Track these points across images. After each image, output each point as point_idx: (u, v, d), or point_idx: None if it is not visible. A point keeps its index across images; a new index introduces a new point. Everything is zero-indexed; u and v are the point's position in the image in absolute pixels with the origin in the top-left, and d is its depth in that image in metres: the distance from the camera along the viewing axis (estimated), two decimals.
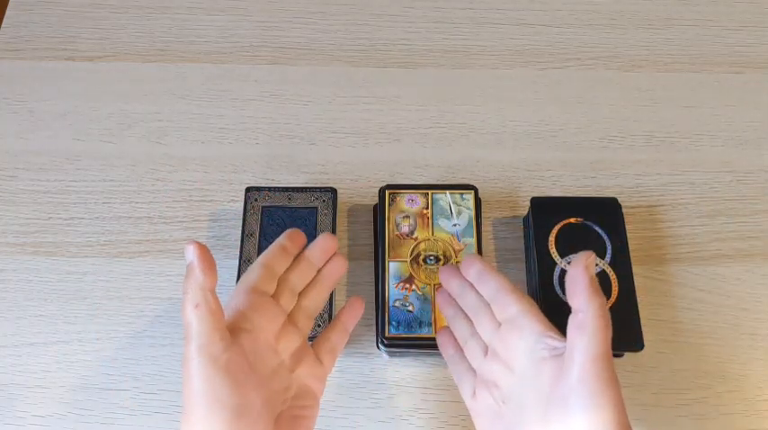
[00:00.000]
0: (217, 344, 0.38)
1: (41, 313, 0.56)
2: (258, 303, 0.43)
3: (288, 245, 0.46)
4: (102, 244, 0.59)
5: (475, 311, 0.46)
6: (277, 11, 0.72)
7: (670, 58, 0.70)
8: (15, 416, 0.52)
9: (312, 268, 0.47)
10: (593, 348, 0.37)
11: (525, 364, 0.41)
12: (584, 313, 0.38)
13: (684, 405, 0.53)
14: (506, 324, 0.43)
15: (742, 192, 0.62)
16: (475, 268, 0.46)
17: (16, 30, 0.70)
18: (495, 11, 0.72)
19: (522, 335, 0.42)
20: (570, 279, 0.39)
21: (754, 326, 0.56)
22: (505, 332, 0.43)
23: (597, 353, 0.37)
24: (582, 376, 0.37)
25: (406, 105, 0.66)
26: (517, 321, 0.42)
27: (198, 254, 0.38)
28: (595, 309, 0.37)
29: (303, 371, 0.44)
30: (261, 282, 0.44)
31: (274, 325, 0.43)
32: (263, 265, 0.44)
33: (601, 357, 0.37)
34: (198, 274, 0.38)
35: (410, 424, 0.52)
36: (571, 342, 0.38)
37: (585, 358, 0.37)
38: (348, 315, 0.49)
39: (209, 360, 0.38)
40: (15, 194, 0.61)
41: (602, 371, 0.37)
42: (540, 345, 0.41)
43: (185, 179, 0.62)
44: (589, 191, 0.62)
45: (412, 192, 0.57)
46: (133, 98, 0.66)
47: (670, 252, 0.59)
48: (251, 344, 0.41)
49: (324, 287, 0.48)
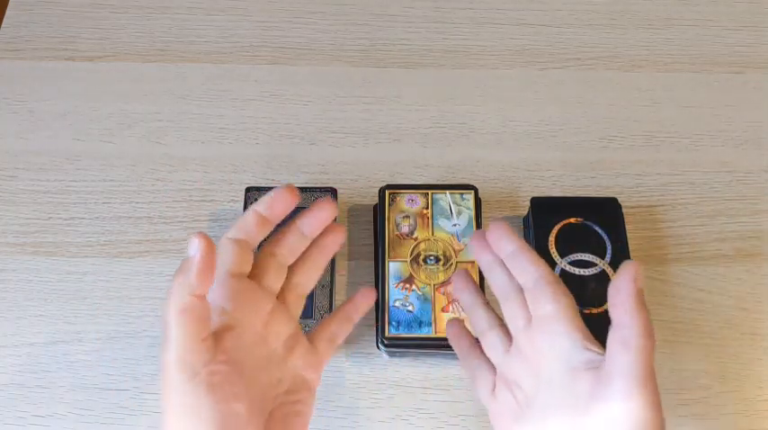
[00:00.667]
0: (198, 359, 0.34)
1: (41, 313, 0.56)
2: (239, 291, 0.38)
3: (267, 213, 0.39)
4: (102, 244, 0.59)
5: (505, 295, 0.41)
6: (277, 11, 0.72)
7: (670, 58, 0.70)
8: (15, 416, 0.52)
9: (303, 240, 0.41)
10: (638, 366, 0.34)
11: (555, 371, 0.38)
12: (628, 329, 0.34)
13: (684, 405, 0.53)
14: (539, 322, 0.39)
15: (742, 192, 0.62)
16: (511, 245, 0.40)
17: (16, 30, 0.70)
18: (495, 11, 0.72)
19: (555, 340, 0.38)
20: (615, 289, 0.35)
21: (754, 326, 0.56)
22: (536, 331, 0.39)
23: (641, 370, 0.34)
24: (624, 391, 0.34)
25: (406, 105, 0.66)
26: (552, 323, 0.38)
27: (203, 251, 0.33)
28: (641, 324, 0.34)
29: (297, 360, 0.40)
30: (237, 265, 0.38)
31: (262, 312, 0.39)
32: (236, 242, 0.38)
33: (645, 375, 0.34)
34: (193, 275, 0.33)
35: (410, 424, 0.52)
36: (612, 358, 0.35)
37: (629, 375, 0.34)
38: (356, 304, 0.45)
39: (188, 375, 0.34)
40: (15, 194, 0.61)
41: (646, 388, 0.34)
42: (575, 356, 0.37)
43: (185, 179, 0.62)
44: (589, 191, 0.62)
45: (412, 192, 0.57)
46: (133, 98, 0.66)
47: (670, 252, 0.59)
48: (236, 343, 0.37)
49: (318, 261, 0.42)
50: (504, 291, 0.41)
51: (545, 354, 0.38)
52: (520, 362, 0.40)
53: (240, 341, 0.37)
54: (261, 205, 0.39)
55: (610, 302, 0.35)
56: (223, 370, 0.36)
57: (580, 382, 0.36)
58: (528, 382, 0.39)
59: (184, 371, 0.34)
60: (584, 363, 0.36)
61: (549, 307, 0.38)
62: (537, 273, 0.39)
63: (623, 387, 0.34)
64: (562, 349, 0.37)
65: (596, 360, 0.36)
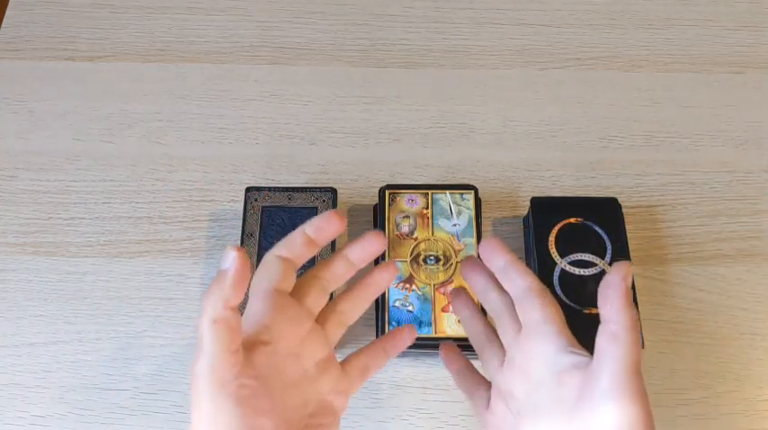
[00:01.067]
0: (228, 370, 0.35)
1: (41, 313, 0.56)
2: (279, 307, 0.38)
3: (315, 235, 0.39)
4: (102, 244, 0.59)
5: (498, 313, 0.42)
6: (277, 11, 0.72)
7: (670, 58, 0.70)
8: (15, 416, 0.52)
9: (350, 268, 0.41)
10: (626, 360, 0.35)
11: (544, 374, 0.39)
12: (616, 324, 0.35)
13: (684, 405, 0.53)
14: (527, 328, 0.40)
15: (742, 192, 0.62)
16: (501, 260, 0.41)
17: (16, 30, 0.70)
18: (495, 11, 0.72)
19: (541, 344, 0.39)
20: (606, 286, 0.36)
21: (754, 326, 0.56)
22: (525, 337, 0.40)
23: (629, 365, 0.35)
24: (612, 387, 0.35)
25: (406, 105, 0.66)
26: (539, 328, 0.39)
27: (238, 265, 0.34)
28: (629, 321, 0.35)
29: (326, 385, 0.40)
30: (281, 281, 0.38)
31: (299, 329, 0.39)
32: (282, 260, 0.39)
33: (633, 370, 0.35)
34: (228, 287, 0.34)
35: (410, 424, 0.52)
36: (601, 352, 0.36)
37: (617, 369, 0.35)
38: (393, 341, 0.45)
39: (218, 384, 0.35)
40: (15, 194, 0.61)
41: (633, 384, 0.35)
42: (560, 359, 0.38)
43: (185, 179, 0.62)
44: (589, 191, 0.62)
45: (412, 192, 0.57)
46: (133, 98, 0.66)
47: (670, 252, 0.59)
48: (268, 360, 0.37)
49: (365, 294, 0.43)
50: (498, 309, 0.42)
51: (534, 359, 0.39)
52: (512, 373, 0.41)
53: (273, 358, 0.38)
54: (310, 227, 0.39)
55: (600, 299, 0.36)
56: (252, 384, 0.36)
57: (567, 384, 0.37)
58: (520, 390, 0.40)
59: (215, 381, 0.34)
60: (569, 366, 0.37)
61: (536, 314, 0.39)
62: (525, 284, 0.40)
63: (611, 384, 0.35)
64: (548, 353, 0.38)
65: (582, 361, 0.37)
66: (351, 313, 0.42)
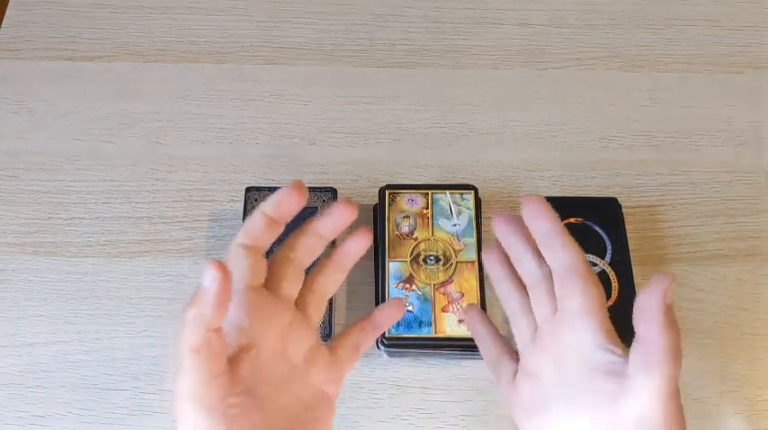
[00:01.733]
0: (214, 394, 0.33)
1: (41, 313, 0.56)
2: (255, 306, 0.36)
3: (275, 214, 0.36)
4: (102, 244, 0.59)
5: (533, 283, 0.39)
6: (277, 11, 0.72)
7: (670, 58, 0.70)
8: (15, 416, 0.52)
9: (321, 241, 0.38)
10: (663, 387, 0.32)
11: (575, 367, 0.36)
12: (655, 346, 0.33)
13: (684, 405, 0.53)
14: (564, 315, 0.37)
15: (742, 192, 0.62)
16: (546, 224, 0.37)
17: (16, 30, 0.70)
18: (495, 11, 0.72)
19: (577, 337, 0.36)
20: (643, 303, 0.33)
21: (755, 326, 0.56)
22: (559, 324, 0.37)
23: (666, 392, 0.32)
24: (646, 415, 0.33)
25: (406, 105, 0.66)
26: (575, 318, 0.36)
27: (219, 285, 0.30)
28: (670, 343, 0.33)
29: (317, 376, 0.38)
30: (252, 277, 0.36)
31: (279, 325, 0.37)
32: (247, 250, 0.36)
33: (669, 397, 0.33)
34: (208, 309, 0.31)
35: (410, 424, 0.52)
36: (636, 372, 0.33)
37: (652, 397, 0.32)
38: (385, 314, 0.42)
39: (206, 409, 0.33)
40: (15, 194, 0.61)
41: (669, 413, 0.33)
42: (595, 356, 0.36)
43: (185, 179, 0.62)
44: (589, 191, 0.62)
45: (412, 192, 0.57)
46: (133, 98, 0.66)
47: (670, 252, 0.59)
48: (253, 366, 0.35)
49: (341, 263, 0.39)
50: (533, 278, 0.39)
51: (567, 350, 0.37)
52: (542, 353, 0.38)
53: (258, 362, 0.36)
54: (267, 206, 0.36)
55: (636, 316, 0.34)
56: (241, 401, 0.34)
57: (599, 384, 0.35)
58: (548, 376, 0.38)
59: (201, 407, 0.33)
60: (604, 365, 0.35)
61: (575, 302, 0.36)
62: (568, 260, 0.36)
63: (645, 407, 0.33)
64: (584, 348, 0.36)
65: (617, 364, 0.35)
66: (329, 285, 0.40)
